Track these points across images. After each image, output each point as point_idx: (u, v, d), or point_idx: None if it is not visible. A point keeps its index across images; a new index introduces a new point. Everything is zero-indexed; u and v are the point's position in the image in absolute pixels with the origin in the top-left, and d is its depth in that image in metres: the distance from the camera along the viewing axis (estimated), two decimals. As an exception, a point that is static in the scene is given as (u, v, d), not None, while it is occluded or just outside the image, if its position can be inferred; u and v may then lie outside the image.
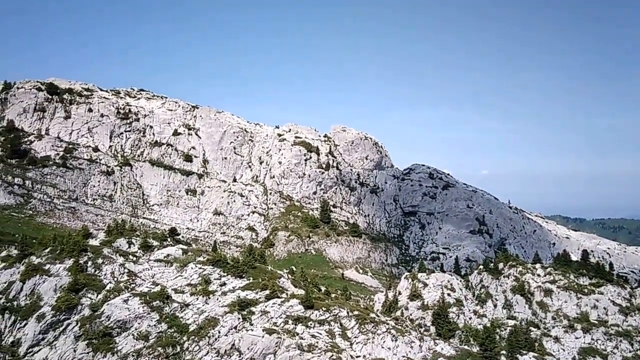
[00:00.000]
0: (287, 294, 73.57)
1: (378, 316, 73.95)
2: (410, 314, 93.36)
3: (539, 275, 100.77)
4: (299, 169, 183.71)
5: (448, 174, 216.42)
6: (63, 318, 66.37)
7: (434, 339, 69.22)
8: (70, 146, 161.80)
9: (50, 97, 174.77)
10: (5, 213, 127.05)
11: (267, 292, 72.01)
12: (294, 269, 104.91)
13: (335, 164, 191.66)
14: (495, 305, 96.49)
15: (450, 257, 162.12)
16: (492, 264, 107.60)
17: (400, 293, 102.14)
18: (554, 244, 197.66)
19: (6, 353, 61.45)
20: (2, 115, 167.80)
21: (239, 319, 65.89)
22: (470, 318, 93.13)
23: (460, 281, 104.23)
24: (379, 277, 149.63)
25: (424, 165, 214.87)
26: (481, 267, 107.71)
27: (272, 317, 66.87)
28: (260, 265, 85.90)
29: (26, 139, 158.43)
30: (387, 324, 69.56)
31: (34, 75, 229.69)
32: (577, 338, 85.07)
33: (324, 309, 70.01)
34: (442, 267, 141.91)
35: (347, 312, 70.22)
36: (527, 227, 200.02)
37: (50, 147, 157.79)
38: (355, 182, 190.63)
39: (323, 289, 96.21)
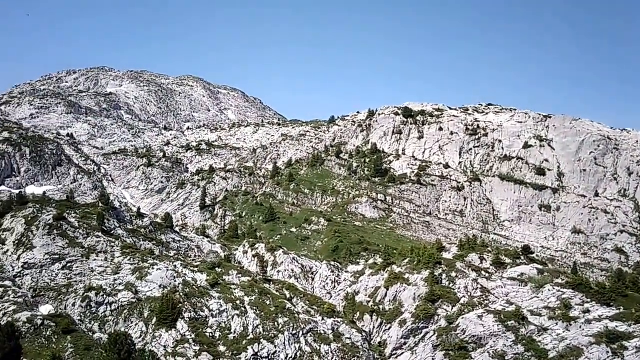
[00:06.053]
0: (673, 332, 59.93)
1: None
2: None
3: None
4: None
5: None
6: (422, 326, 70.01)
7: None
8: (424, 164, 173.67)
9: (405, 120, 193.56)
10: (371, 225, 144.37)
11: (645, 326, 60.16)
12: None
13: None
14: None
15: None
16: None
17: None
18: None
19: (375, 352, 68.43)
20: (367, 139, 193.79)
21: (607, 352, 56.95)
22: None
23: None
24: None
25: None
26: None
27: (653, 358, 55.35)
28: (633, 293, 73.08)
29: (386, 159, 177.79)
30: None
31: (392, 102, 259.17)
32: None
33: None
34: None
35: None
36: None
37: (406, 166, 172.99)
38: None
39: None
